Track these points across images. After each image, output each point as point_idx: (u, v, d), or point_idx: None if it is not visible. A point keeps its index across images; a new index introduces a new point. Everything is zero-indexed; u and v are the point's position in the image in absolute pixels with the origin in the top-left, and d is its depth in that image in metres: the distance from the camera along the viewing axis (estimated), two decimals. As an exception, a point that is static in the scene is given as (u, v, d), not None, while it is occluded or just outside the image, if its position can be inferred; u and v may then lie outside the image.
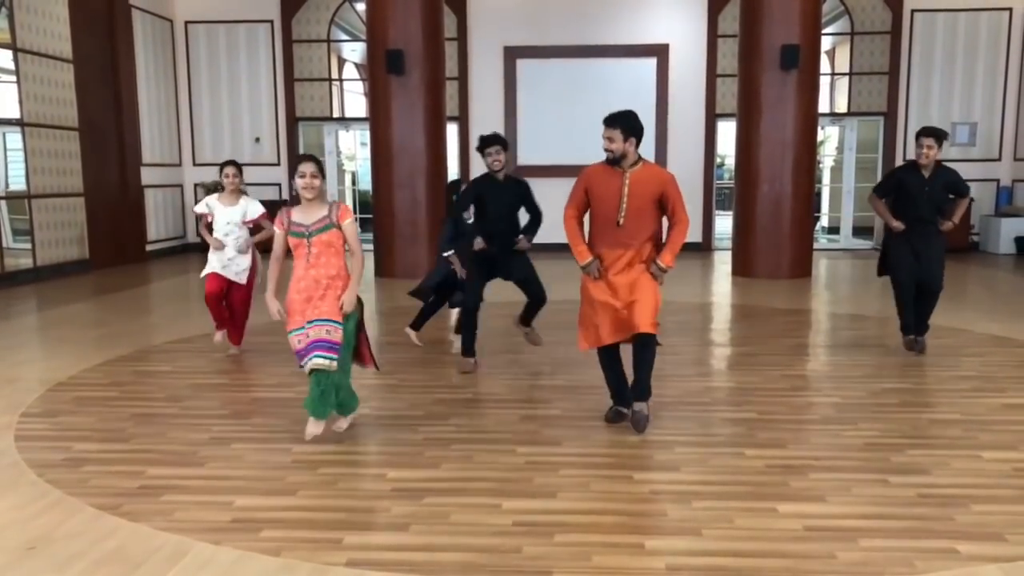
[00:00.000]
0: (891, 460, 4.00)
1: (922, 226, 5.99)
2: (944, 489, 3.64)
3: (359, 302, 4.31)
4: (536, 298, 5.94)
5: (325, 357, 4.13)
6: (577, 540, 3.16)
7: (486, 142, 5.59)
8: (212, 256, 6.20)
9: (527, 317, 6.12)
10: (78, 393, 5.29)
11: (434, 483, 3.75)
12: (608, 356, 4.60)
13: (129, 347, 6.59)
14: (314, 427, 4.23)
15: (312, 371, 4.17)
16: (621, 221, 4.34)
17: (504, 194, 5.69)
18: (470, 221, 6.00)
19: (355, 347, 4.39)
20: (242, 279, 6.22)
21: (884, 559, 3.00)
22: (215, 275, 6.17)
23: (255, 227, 6.32)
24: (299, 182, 4.21)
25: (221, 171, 6.21)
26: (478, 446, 4.23)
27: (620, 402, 4.62)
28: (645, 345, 4.38)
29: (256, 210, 6.25)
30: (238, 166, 6.24)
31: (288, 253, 4.30)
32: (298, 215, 4.26)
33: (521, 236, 5.76)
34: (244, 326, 6.40)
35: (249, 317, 6.39)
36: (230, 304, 6.29)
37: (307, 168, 4.21)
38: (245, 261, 6.22)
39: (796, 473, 3.84)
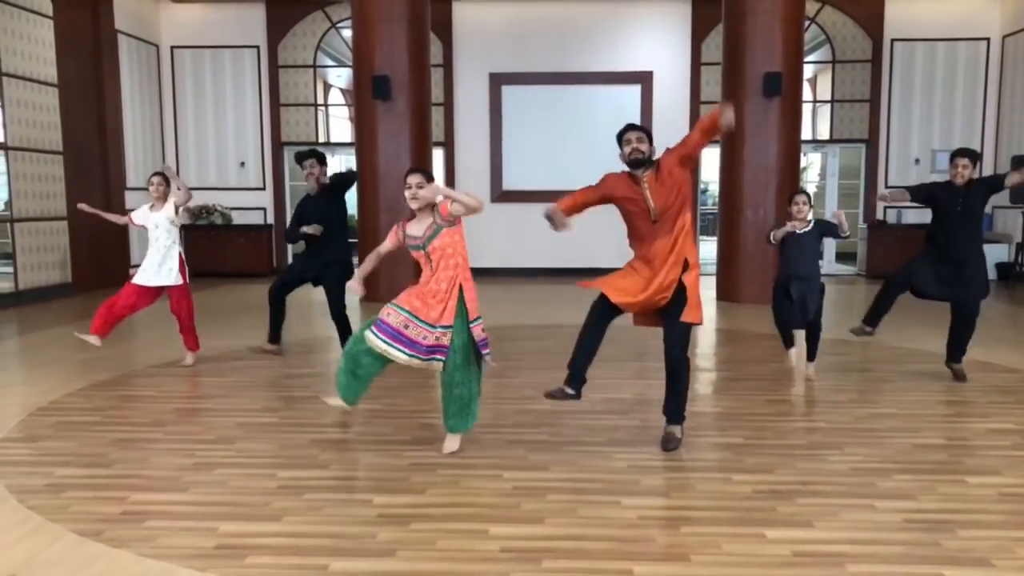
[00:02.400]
0: (877, 485, 4.01)
1: (959, 241, 5.93)
2: (930, 514, 3.64)
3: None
4: (333, 313, 6.43)
5: (432, 360, 4.27)
6: (565, 566, 3.15)
7: (301, 157, 6.21)
8: (145, 262, 6.48)
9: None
10: (60, 418, 5.23)
11: (420, 509, 3.72)
12: (599, 323, 4.48)
13: (112, 371, 6.53)
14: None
15: (372, 349, 4.27)
16: (655, 218, 4.45)
17: (317, 202, 6.27)
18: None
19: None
20: (175, 279, 6.49)
21: (872, 584, 3.00)
22: (142, 289, 6.45)
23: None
24: (407, 193, 4.31)
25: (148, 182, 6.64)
26: (464, 471, 4.21)
27: (574, 383, 4.49)
28: (680, 369, 4.52)
29: (179, 196, 6.66)
30: (163, 175, 6.67)
31: (385, 247, 4.49)
32: (412, 228, 4.36)
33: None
34: (193, 328, 6.68)
35: (194, 318, 6.71)
36: (174, 312, 6.61)
37: (413, 179, 4.31)
38: (172, 262, 6.50)
39: (783, 498, 3.84)
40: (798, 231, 6.06)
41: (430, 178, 4.37)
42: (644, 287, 4.43)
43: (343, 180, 6.56)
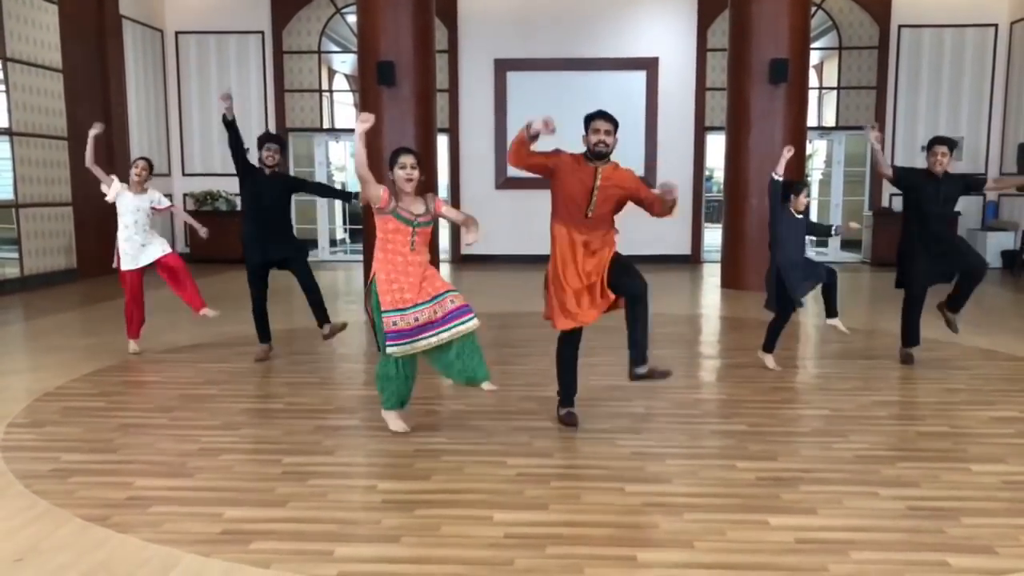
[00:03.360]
0: (881, 472, 4.01)
1: (937, 227, 6.01)
2: (934, 502, 3.65)
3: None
4: (306, 287, 6.37)
5: (467, 322, 4.32)
6: (569, 552, 3.16)
7: (264, 140, 6.26)
8: (125, 246, 6.50)
9: (319, 313, 6.47)
10: (65, 403, 5.25)
11: (425, 495, 3.73)
12: (569, 350, 4.64)
13: (117, 357, 6.56)
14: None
15: (408, 356, 4.37)
16: (590, 215, 4.44)
17: (275, 188, 6.27)
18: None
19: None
20: (163, 250, 6.57)
21: (876, 571, 3.00)
22: (133, 273, 6.50)
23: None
24: (400, 174, 4.36)
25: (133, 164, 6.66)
26: (469, 458, 4.22)
27: (571, 403, 4.72)
28: (637, 298, 4.42)
29: (164, 201, 6.70)
30: (149, 163, 6.68)
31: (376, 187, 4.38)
32: (409, 204, 4.40)
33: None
34: (195, 286, 6.68)
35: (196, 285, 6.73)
36: (170, 273, 6.62)
37: (408, 159, 4.38)
38: (157, 237, 6.62)
39: (787, 485, 3.84)
40: (796, 216, 6.01)
41: (422, 162, 4.46)
42: (584, 276, 4.43)
43: (303, 186, 6.70)
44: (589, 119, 4.47)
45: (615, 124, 4.44)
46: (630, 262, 4.52)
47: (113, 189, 6.55)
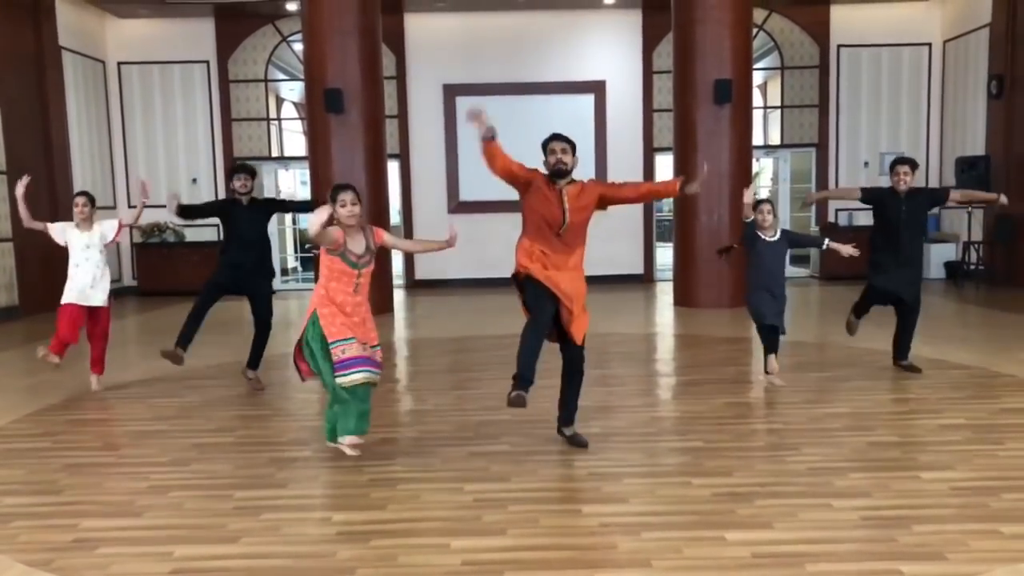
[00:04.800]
0: (834, 484, 4.06)
1: (902, 240, 6.22)
2: (886, 511, 3.70)
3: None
4: (265, 320, 6.37)
5: (374, 372, 4.44)
6: (527, 577, 3.13)
7: (233, 171, 6.38)
8: (72, 283, 6.30)
9: (254, 357, 6.44)
10: (7, 445, 5.08)
11: (381, 525, 3.68)
12: (539, 327, 4.44)
13: (62, 395, 6.38)
14: (356, 442, 4.50)
15: (357, 385, 4.37)
16: (561, 232, 4.49)
17: (254, 216, 6.38)
18: None
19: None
20: (104, 301, 6.38)
21: (831, 583, 3.03)
22: (75, 308, 6.27)
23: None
24: (342, 212, 4.34)
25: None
26: (425, 485, 4.17)
27: (526, 385, 4.38)
28: (579, 371, 4.63)
29: (112, 227, 6.49)
30: (90, 197, 6.46)
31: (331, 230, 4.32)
32: (352, 244, 4.40)
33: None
34: (104, 352, 6.54)
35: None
36: (93, 333, 6.44)
37: (347, 196, 4.37)
38: (106, 282, 6.41)
39: (742, 500, 3.87)
40: (767, 239, 5.95)
41: (360, 196, 4.47)
42: (556, 285, 4.47)
43: (283, 206, 6.68)
44: (545, 143, 4.55)
45: (571, 144, 4.53)
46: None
47: (57, 231, 6.38)
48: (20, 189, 6.32)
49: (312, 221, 4.22)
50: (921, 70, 13.98)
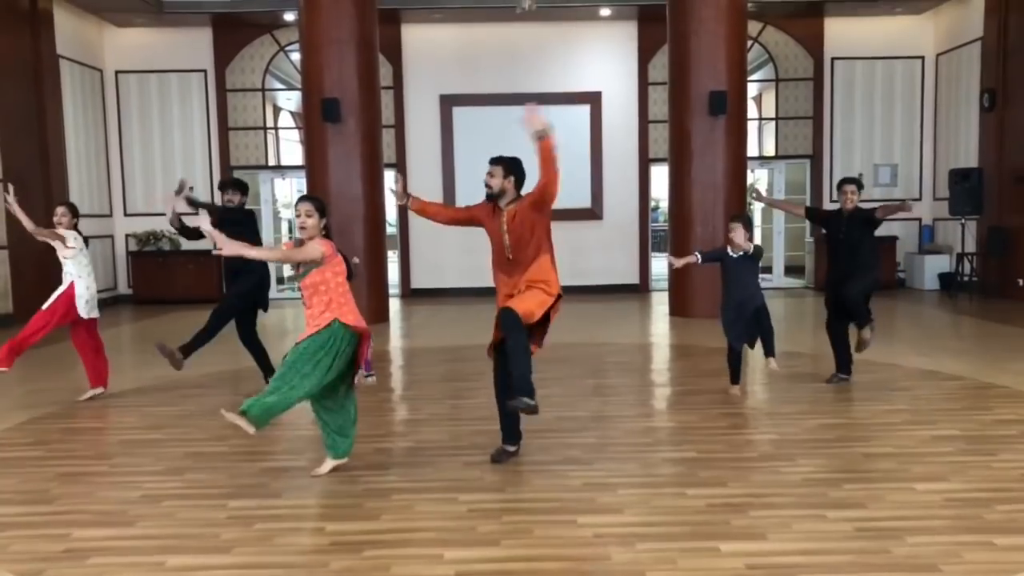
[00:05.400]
0: (828, 495, 4.06)
1: (839, 256, 6.46)
2: (880, 522, 3.70)
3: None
4: (250, 335, 6.60)
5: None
6: (521, 588, 3.12)
7: (220, 188, 6.71)
8: (91, 290, 6.39)
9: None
10: (0, 454, 5.07)
11: (374, 535, 3.67)
12: (501, 378, 4.56)
13: (56, 404, 6.36)
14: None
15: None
16: (510, 256, 4.55)
17: (243, 224, 6.40)
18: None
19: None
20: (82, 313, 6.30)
21: (825, 594, 3.03)
22: (91, 321, 6.43)
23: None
24: (296, 221, 4.36)
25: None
26: (419, 495, 4.16)
27: (508, 439, 4.70)
28: (506, 333, 4.36)
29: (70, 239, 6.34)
30: (68, 207, 6.46)
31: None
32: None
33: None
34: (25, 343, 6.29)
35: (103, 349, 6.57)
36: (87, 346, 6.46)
37: (301, 207, 4.36)
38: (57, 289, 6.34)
39: (737, 511, 3.87)
40: (733, 255, 6.02)
41: (320, 209, 4.38)
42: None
43: (246, 222, 6.61)
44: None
45: (503, 164, 4.58)
46: (535, 303, 4.45)
47: (70, 239, 6.33)
48: (12, 202, 6.28)
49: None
50: (914, 83, 14.06)
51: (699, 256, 6.08)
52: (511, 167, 4.60)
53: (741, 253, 6.01)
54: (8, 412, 6.12)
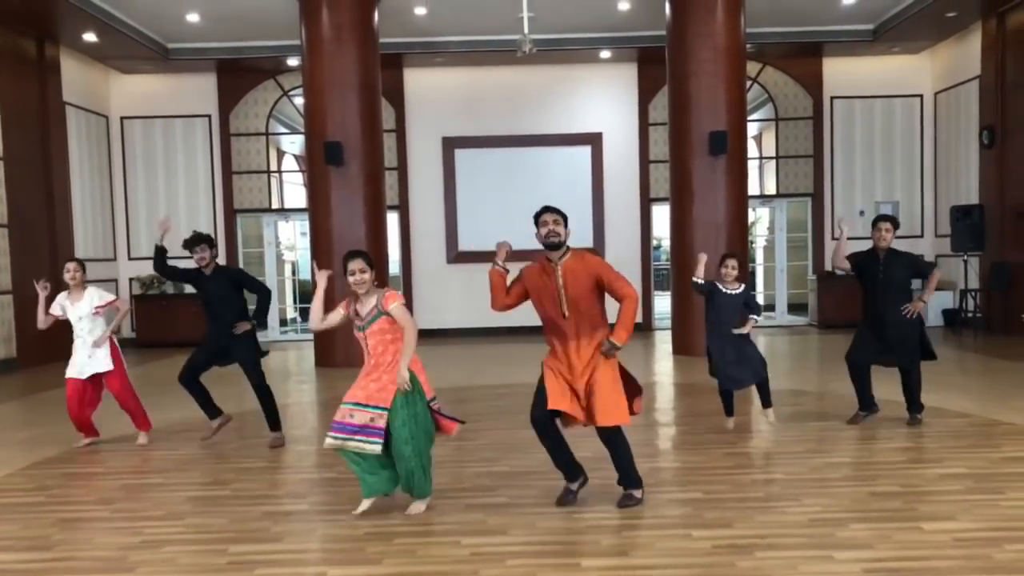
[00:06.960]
0: (835, 535, 4.01)
1: (883, 309, 6.17)
2: (888, 563, 3.65)
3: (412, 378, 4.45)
4: (255, 384, 6.28)
5: (366, 442, 4.38)
6: (525, 633, 3.08)
7: (185, 246, 6.28)
8: (74, 356, 6.36)
9: (269, 420, 6.38)
10: (1, 499, 5.03)
11: (377, 580, 3.63)
12: (549, 438, 4.54)
13: (58, 448, 6.34)
14: (364, 505, 4.52)
15: (339, 451, 4.46)
16: (566, 313, 4.43)
17: (218, 286, 6.22)
18: None
19: (434, 423, 4.56)
20: (107, 365, 6.34)
21: (833, 638, 2.98)
22: (75, 383, 6.30)
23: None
24: (350, 280, 4.45)
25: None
26: (422, 539, 4.13)
27: (571, 479, 4.64)
28: (608, 441, 4.49)
29: (104, 296, 6.49)
30: (80, 262, 6.51)
31: (334, 317, 4.66)
32: (359, 307, 4.50)
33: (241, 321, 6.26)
34: (139, 407, 6.46)
35: (137, 397, 6.51)
36: (115, 396, 6.41)
37: (355, 265, 4.47)
38: (104, 351, 6.38)
39: (743, 553, 3.82)
40: (725, 291, 6.14)
41: (371, 263, 4.52)
42: (570, 370, 4.46)
43: (244, 283, 6.45)
44: (537, 215, 4.50)
45: (563, 215, 4.47)
46: (617, 391, 4.46)
47: (58, 309, 6.41)
48: (42, 293, 6.43)
49: (312, 318, 4.64)
50: (913, 121, 14.18)
51: (696, 281, 6.20)
52: (565, 216, 4.47)
53: (731, 291, 6.10)
54: (11, 457, 6.10)
